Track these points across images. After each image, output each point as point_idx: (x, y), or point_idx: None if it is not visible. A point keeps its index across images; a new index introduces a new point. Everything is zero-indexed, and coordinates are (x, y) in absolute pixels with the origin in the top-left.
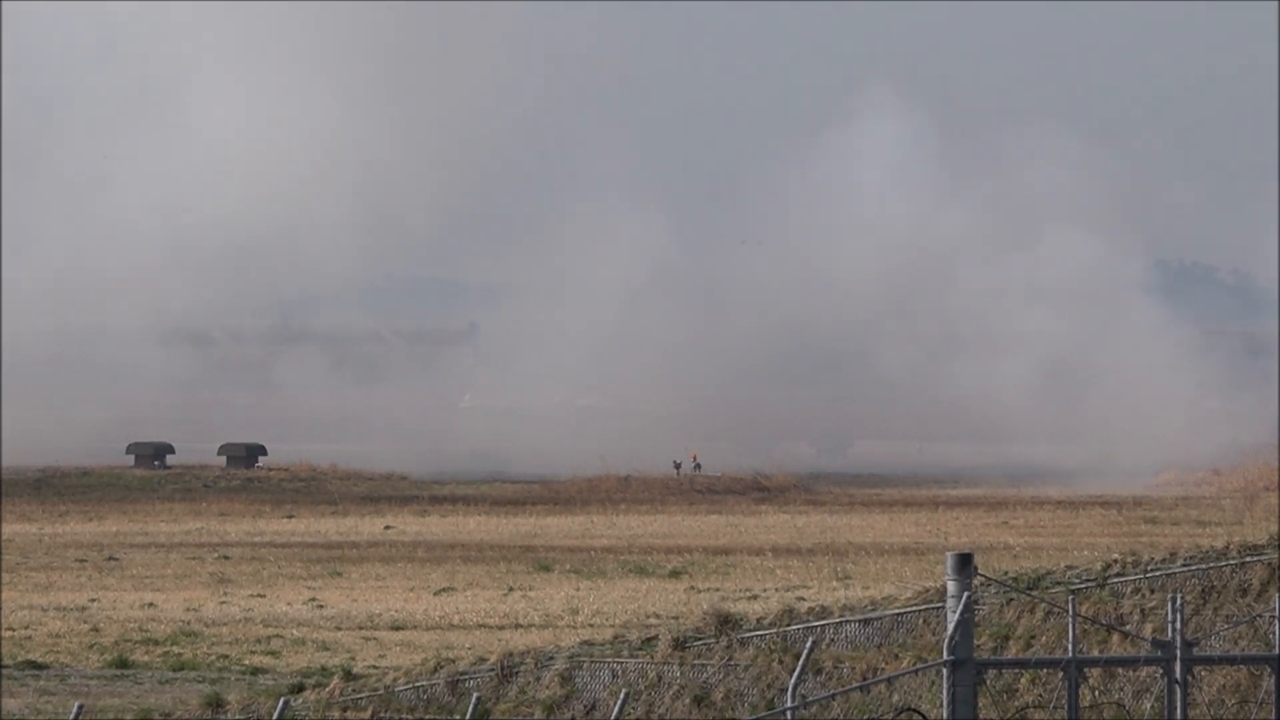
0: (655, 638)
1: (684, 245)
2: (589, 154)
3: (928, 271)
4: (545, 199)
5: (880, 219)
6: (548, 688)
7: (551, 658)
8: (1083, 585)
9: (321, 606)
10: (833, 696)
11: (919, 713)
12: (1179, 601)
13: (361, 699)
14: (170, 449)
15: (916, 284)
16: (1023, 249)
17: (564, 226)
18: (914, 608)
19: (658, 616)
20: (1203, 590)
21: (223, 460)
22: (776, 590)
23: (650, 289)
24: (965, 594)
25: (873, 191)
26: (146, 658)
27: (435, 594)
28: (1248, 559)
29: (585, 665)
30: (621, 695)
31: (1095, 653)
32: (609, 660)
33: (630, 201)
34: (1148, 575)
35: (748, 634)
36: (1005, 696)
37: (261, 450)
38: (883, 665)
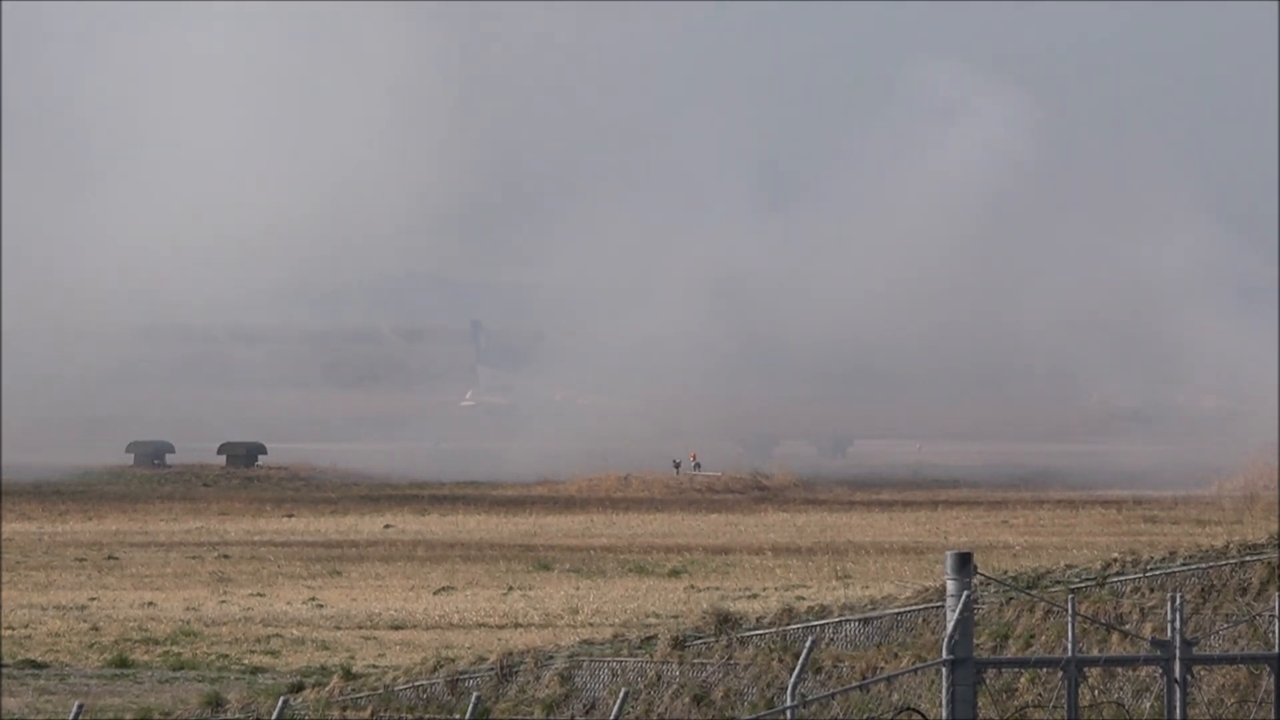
0: (655, 637)
1: (685, 246)
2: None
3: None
4: (545, 200)
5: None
6: (547, 687)
7: (551, 657)
8: (1082, 584)
9: (321, 606)
10: (832, 696)
11: (918, 712)
12: (1178, 601)
13: (361, 698)
14: (170, 448)
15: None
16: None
17: (565, 228)
18: (913, 607)
19: (657, 616)
20: (1202, 589)
21: (223, 460)
22: (776, 589)
23: (650, 290)
24: (965, 593)
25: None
26: (146, 657)
27: (435, 593)
28: (1247, 558)
29: (585, 664)
30: (621, 694)
31: (1095, 652)
32: (608, 659)
33: (632, 203)
34: (1147, 574)
35: (747, 633)
36: (1005, 696)
37: (261, 450)
38: (882, 664)
